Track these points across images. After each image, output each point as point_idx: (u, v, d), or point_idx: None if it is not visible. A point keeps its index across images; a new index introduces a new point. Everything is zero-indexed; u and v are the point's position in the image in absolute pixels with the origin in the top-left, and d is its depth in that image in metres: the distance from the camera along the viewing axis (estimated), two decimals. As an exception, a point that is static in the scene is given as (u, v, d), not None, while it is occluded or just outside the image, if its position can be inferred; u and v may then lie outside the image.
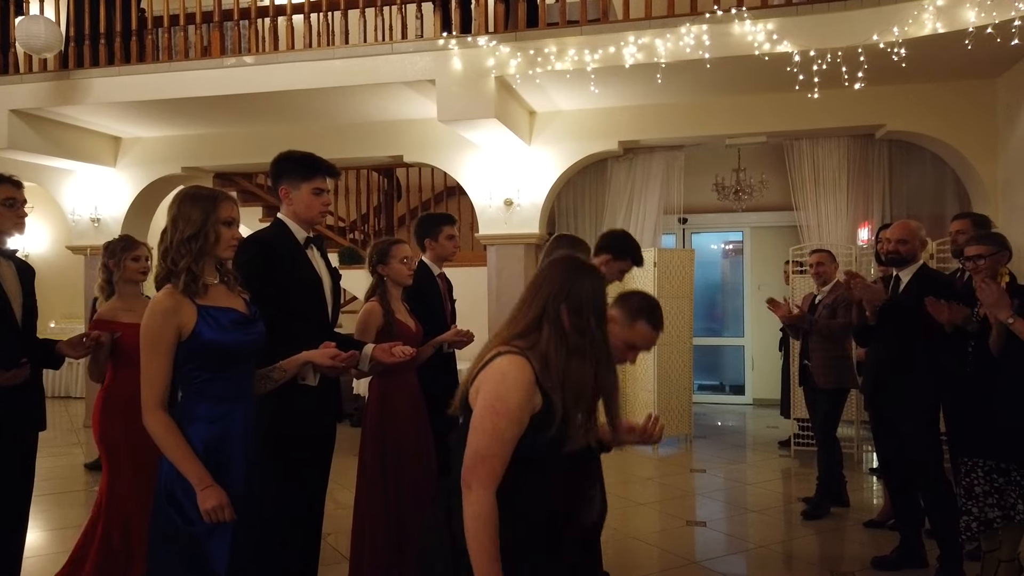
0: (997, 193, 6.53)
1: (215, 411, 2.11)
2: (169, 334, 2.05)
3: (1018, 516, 3.54)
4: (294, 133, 7.93)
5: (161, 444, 2.03)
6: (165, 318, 2.05)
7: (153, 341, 2.05)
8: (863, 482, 5.95)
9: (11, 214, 2.98)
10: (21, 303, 3.02)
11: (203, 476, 2.00)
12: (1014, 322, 3.12)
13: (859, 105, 6.65)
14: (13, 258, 3.07)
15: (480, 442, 1.67)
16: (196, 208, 2.14)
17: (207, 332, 2.08)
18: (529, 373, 1.70)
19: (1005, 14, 4.98)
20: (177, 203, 2.18)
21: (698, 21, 5.70)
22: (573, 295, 1.77)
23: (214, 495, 1.99)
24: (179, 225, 2.13)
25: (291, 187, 2.79)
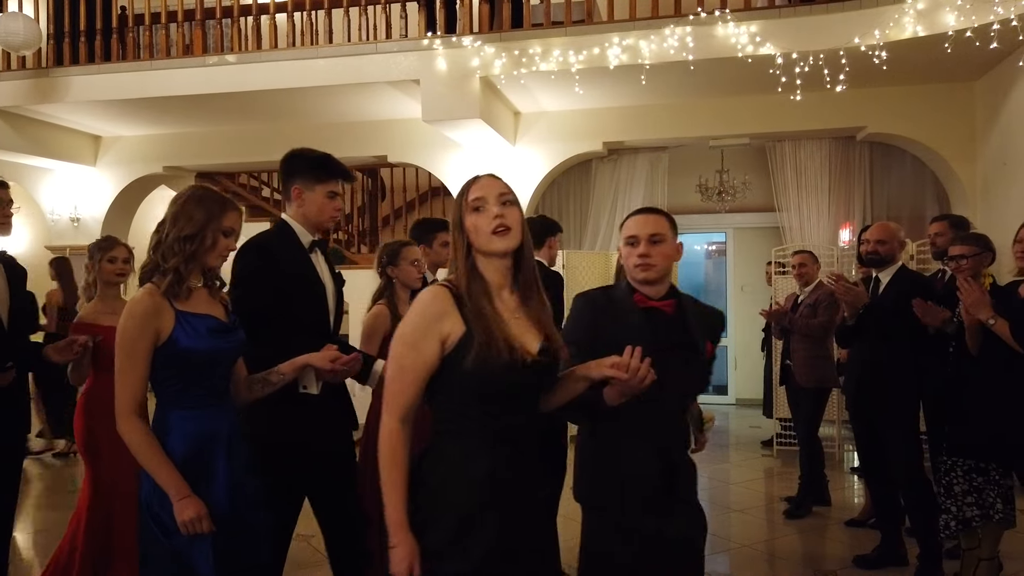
0: (976, 195, 6.61)
1: (191, 420, 2.04)
2: (147, 338, 1.98)
3: (997, 515, 3.57)
4: (277, 133, 7.89)
5: (136, 452, 1.96)
6: (144, 321, 1.99)
7: (130, 344, 1.98)
8: (845, 481, 6.00)
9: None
10: (8, 305, 2.96)
11: (180, 486, 1.93)
12: (995, 323, 3.15)
13: (841, 107, 6.72)
14: (2, 258, 3.01)
15: (387, 369, 1.77)
16: (200, 209, 2.08)
17: (184, 339, 2.01)
18: (440, 302, 1.73)
19: (984, 18, 5.05)
20: (182, 200, 2.10)
21: (682, 23, 5.74)
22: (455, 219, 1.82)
23: (191, 506, 1.91)
24: (178, 222, 2.06)
25: (304, 187, 2.65)
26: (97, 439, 3.21)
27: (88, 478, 3.28)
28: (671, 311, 2.17)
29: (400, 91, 6.58)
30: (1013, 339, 3.09)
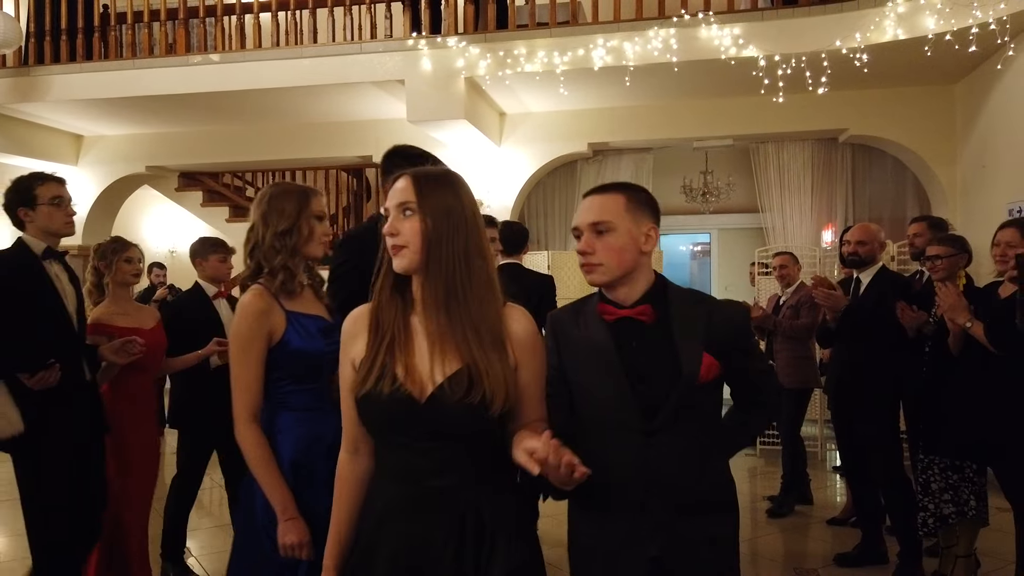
0: (956, 196, 6.69)
1: (302, 422, 1.98)
2: (261, 338, 1.91)
3: (971, 512, 3.63)
4: (262, 132, 7.87)
5: (251, 462, 1.90)
6: (257, 321, 1.91)
7: (245, 346, 1.91)
8: (827, 480, 6.05)
9: (60, 213, 2.87)
10: (75, 307, 2.94)
11: (288, 506, 1.86)
12: (971, 326, 3.19)
13: (823, 109, 6.77)
14: (63, 261, 2.98)
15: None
16: (289, 202, 2.02)
17: (296, 340, 1.95)
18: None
19: (963, 22, 5.11)
20: (267, 198, 2.05)
21: (666, 24, 5.77)
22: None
23: (295, 530, 1.84)
24: (270, 220, 2.00)
25: (385, 181, 2.55)
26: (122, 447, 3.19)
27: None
28: (650, 319, 1.68)
29: (385, 91, 6.57)
30: (987, 341, 3.14)
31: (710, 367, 1.66)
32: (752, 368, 1.80)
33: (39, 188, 2.83)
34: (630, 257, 1.67)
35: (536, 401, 1.59)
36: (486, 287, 1.51)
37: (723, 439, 1.84)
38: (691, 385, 1.63)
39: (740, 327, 1.77)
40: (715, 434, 1.76)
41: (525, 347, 1.56)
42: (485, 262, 1.52)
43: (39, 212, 2.82)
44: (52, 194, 2.85)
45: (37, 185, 2.81)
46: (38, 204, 2.83)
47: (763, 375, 1.85)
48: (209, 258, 3.90)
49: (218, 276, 3.93)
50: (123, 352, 2.99)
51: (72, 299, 2.91)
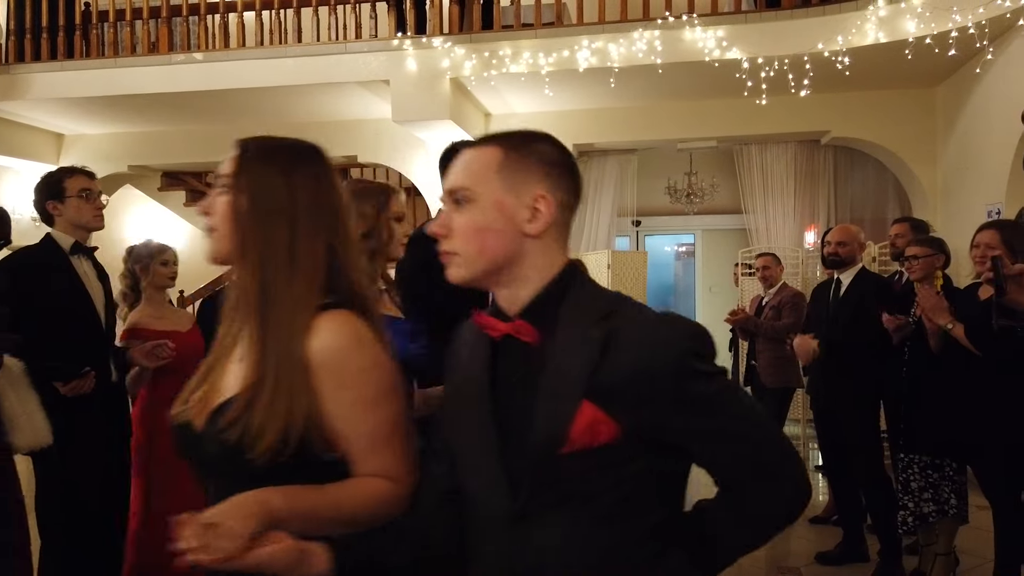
0: (936, 198, 6.76)
1: None
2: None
3: (951, 510, 3.68)
4: (245, 132, 7.54)
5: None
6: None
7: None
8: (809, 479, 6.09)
9: (89, 206, 2.83)
10: (103, 304, 2.89)
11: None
12: (953, 327, 3.23)
13: (805, 112, 6.82)
14: (93, 256, 2.92)
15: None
16: (368, 203, 1.93)
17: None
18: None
19: (943, 25, 5.16)
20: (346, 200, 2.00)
21: (650, 26, 5.79)
22: None
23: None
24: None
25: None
26: (151, 453, 3.12)
27: (139, 494, 3.16)
28: (534, 340, 1.11)
29: (370, 91, 6.55)
30: (968, 342, 3.17)
31: (594, 427, 1.05)
32: (709, 432, 1.09)
33: (68, 180, 2.80)
34: (500, 241, 1.13)
35: (365, 450, 1.20)
36: (305, 288, 1.22)
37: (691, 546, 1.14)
38: (551, 454, 1.06)
39: (675, 364, 1.05)
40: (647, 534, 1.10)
41: (326, 370, 1.18)
42: (315, 261, 1.23)
43: (68, 205, 2.80)
44: (81, 186, 2.83)
45: (66, 178, 2.78)
46: (67, 197, 2.80)
47: (742, 442, 1.10)
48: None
49: None
50: (153, 356, 2.91)
51: (100, 296, 2.87)
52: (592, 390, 1.05)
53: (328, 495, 1.17)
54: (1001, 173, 5.42)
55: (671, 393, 1.06)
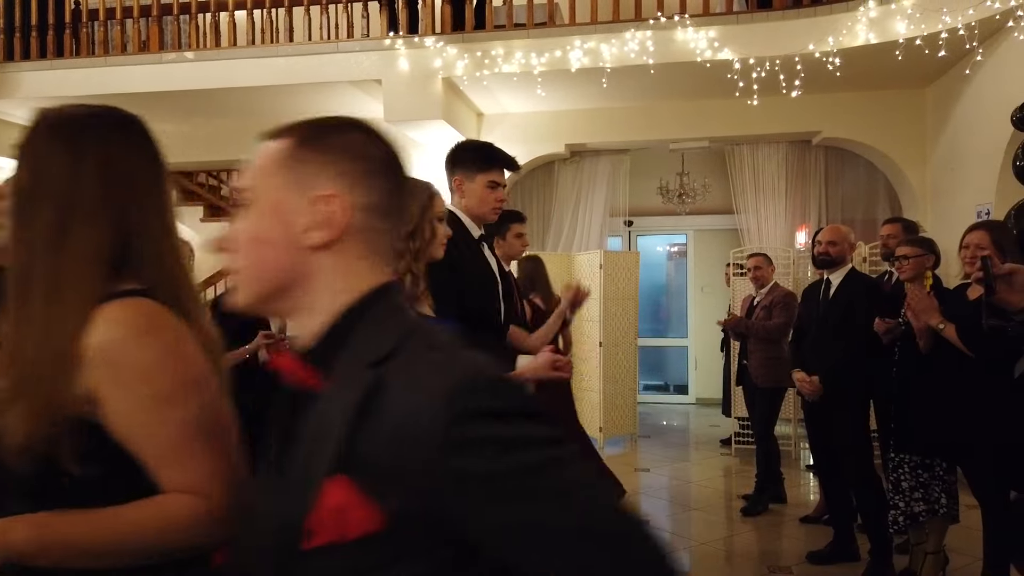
0: (926, 198, 6.79)
1: None
2: None
3: (942, 510, 3.70)
4: (237, 131, 7.78)
5: None
6: None
7: None
8: (800, 479, 6.13)
9: None
10: None
11: None
12: (944, 327, 3.24)
13: (797, 112, 6.85)
14: None
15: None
16: (413, 201, 1.86)
17: None
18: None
19: (933, 27, 5.19)
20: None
21: (642, 27, 5.80)
22: None
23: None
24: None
25: (465, 178, 2.56)
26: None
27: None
28: (317, 386, 0.86)
29: (362, 91, 6.54)
30: (961, 343, 3.19)
31: (343, 513, 0.77)
32: (503, 527, 0.77)
33: None
34: (276, 255, 0.90)
35: (160, 460, 1.03)
36: (77, 277, 1.05)
37: None
38: (288, 550, 0.80)
39: (440, 429, 0.75)
40: None
41: (101, 366, 1.02)
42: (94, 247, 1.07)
43: None
44: None
45: None
46: None
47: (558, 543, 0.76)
48: None
49: None
50: None
51: None
52: (349, 463, 0.77)
53: (102, 520, 1.01)
54: (990, 173, 5.45)
55: (439, 471, 0.75)
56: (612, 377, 7.19)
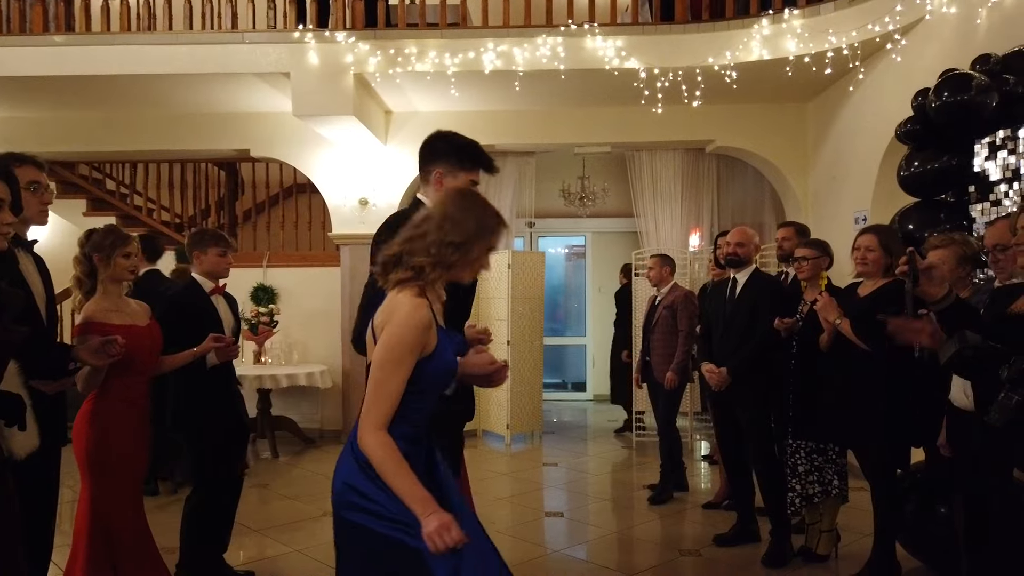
0: (808, 206, 7.31)
1: (414, 435, 1.88)
2: (417, 352, 1.81)
3: (835, 491, 4.03)
4: (128, 121, 7.40)
5: (382, 465, 1.78)
6: (421, 333, 1.80)
7: (403, 355, 1.79)
8: (697, 469, 6.46)
9: (35, 200, 2.57)
10: (45, 301, 2.63)
11: (427, 503, 1.74)
12: (841, 323, 3.54)
13: (694, 121, 7.20)
14: (33, 251, 2.64)
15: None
16: (471, 219, 1.89)
17: (446, 354, 1.87)
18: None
19: (820, 46, 5.62)
20: (455, 200, 1.92)
21: (554, 33, 5.95)
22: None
23: (438, 517, 1.73)
24: (445, 225, 1.87)
25: (448, 173, 2.52)
26: (108, 451, 2.96)
27: (87, 496, 3.02)
28: None
29: (267, 83, 6.37)
30: (855, 336, 3.49)
31: None
32: None
33: (16, 170, 2.55)
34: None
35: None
36: None
37: None
38: None
39: None
40: None
41: None
42: None
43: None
44: (29, 178, 2.57)
45: (14, 166, 2.53)
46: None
47: None
48: (208, 251, 3.62)
49: (216, 271, 3.65)
50: (102, 353, 2.68)
51: (41, 292, 2.63)
52: None
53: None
54: (868, 182, 5.94)
55: None
56: (519, 376, 7.32)
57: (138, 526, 3.13)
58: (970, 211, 3.73)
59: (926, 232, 3.81)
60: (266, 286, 7.50)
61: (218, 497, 3.63)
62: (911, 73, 5.11)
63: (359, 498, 1.81)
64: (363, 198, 7.29)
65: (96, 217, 7.97)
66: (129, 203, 8.44)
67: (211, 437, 3.53)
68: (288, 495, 5.56)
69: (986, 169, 3.61)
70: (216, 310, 3.62)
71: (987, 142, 3.58)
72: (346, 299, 7.40)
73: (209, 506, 3.59)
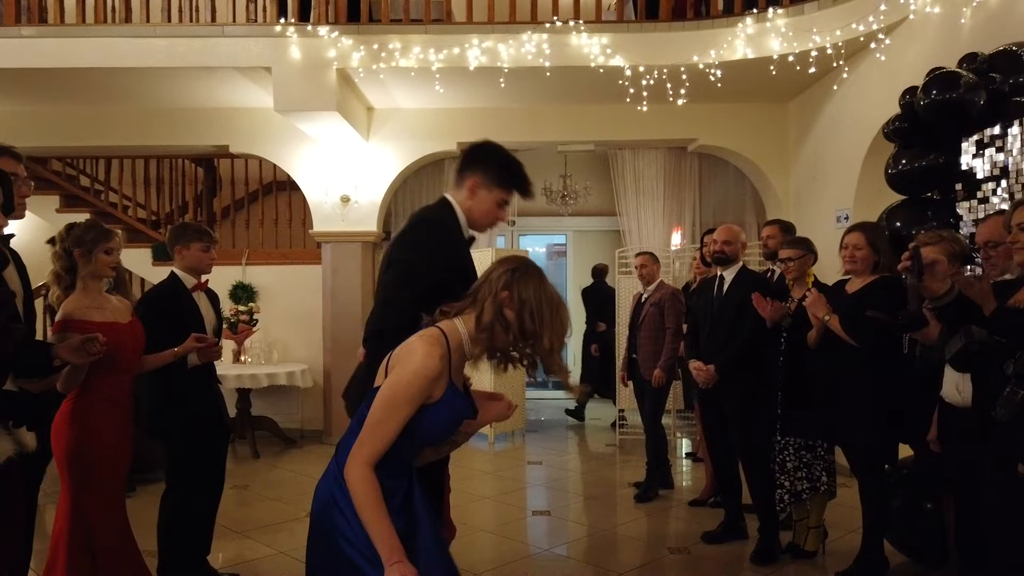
0: (789, 204, 7.35)
1: (398, 471, 1.86)
2: (422, 398, 1.79)
3: (823, 487, 4.05)
4: (103, 116, 7.25)
5: (359, 500, 1.76)
6: (428, 383, 1.78)
7: (406, 400, 1.77)
8: (681, 466, 6.47)
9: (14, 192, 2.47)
10: (23, 299, 2.55)
11: (394, 551, 1.73)
12: (829, 319, 3.55)
13: (677, 120, 7.21)
14: (9, 246, 2.56)
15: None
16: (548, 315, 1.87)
17: (442, 414, 1.84)
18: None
19: (804, 45, 5.64)
20: (538, 287, 1.87)
21: (539, 30, 5.92)
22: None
23: (402, 571, 1.71)
24: (524, 318, 1.84)
25: (483, 184, 2.51)
26: (89, 452, 2.87)
27: (67, 498, 2.92)
28: None
29: (247, 78, 6.27)
30: (844, 332, 3.50)
31: None
32: None
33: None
34: None
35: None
36: None
37: None
38: None
39: None
40: None
41: None
42: None
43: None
44: (6, 170, 2.49)
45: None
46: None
47: None
48: (191, 246, 3.54)
49: (199, 267, 3.57)
50: (83, 351, 2.60)
51: (19, 288, 2.54)
52: None
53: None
54: (849, 181, 5.99)
55: None
56: (503, 375, 7.24)
57: (120, 529, 3.04)
58: (957, 209, 3.76)
59: (913, 229, 3.84)
60: (245, 284, 7.39)
61: (196, 499, 3.55)
62: (895, 72, 5.15)
63: (338, 513, 1.82)
64: (345, 195, 7.21)
65: (69, 213, 7.79)
66: (104, 200, 8.27)
67: (192, 437, 3.45)
68: (269, 496, 5.47)
69: (973, 167, 3.63)
70: (198, 307, 3.54)
71: (975, 140, 3.61)
72: (328, 297, 7.31)
73: (188, 508, 3.51)
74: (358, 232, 7.21)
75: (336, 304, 7.22)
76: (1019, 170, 3.34)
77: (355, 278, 7.21)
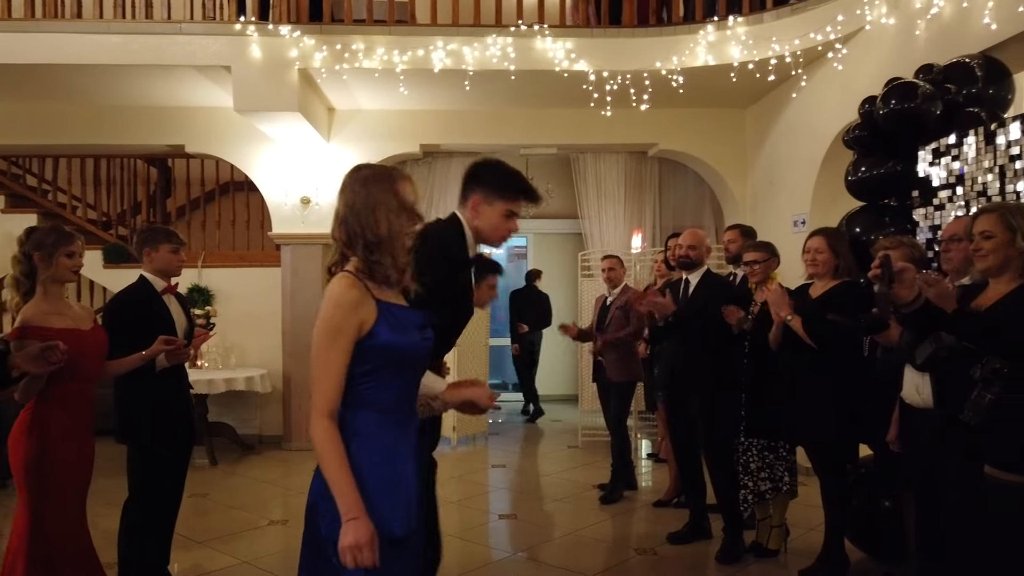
0: (747, 209, 7.49)
1: (381, 424, 1.82)
2: (351, 329, 1.76)
3: (785, 487, 4.13)
4: (52, 113, 7.02)
5: (321, 455, 1.73)
6: (350, 311, 1.77)
7: (334, 334, 1.75)
8: (642, 467, 6.53)
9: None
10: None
11: (353, 506, 1.69)
12: (792, 319, 3.62)
13: (638, 125, 7.28)
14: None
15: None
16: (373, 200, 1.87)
17: (385, 333, 1.80)
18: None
19: (764, 53, 5.75)
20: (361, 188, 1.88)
21: (504, 33, 5.93)
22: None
23: (357, 530, 1.67)
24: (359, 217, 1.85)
25: (484, 200, 2.50)
26: (48, 464, 2.76)
27: (25, 510, 2.80)
28: None
29: (205, 77, 6.13)
30: (805, 334, 3.57)
31: None
32: None
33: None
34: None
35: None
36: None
37: None
38: None
39: None
40: None
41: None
42: None
43: None
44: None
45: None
46: None
47: None
48: (160, 248, 3.45)
49: (168, 269, 3.48)
50: (42, 360, 2.50)
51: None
52: None
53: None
54: (806, 187, 6.12)
55: None
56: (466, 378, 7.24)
57: (81, 544, 2.94)
58: (913, 215, 3.87)
59: (872, 235, 3.94)
60: (201, 287, 7.22)
61: (158, 507, 3.46)
62: (851, 81, 5.28)
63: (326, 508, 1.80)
64: (305, 196, 7.10)
65: (15, 214, 7.55)
66: (51, 200, 8.01)
67: (162, 443, 3.36)
68: (229, 504, 5.36)
69: (929, 174, 3.75)
70: (168, 310, 3.46)
71: (931, 148, 3.72)
72: (287, 299, 7.20)
73: (150, 517, 3.42)
74: (318, 234, 7.11)
75: (296, 307, 7.11)
76: (974, 178, 3.46)
77: (315, 280, 7.11)
